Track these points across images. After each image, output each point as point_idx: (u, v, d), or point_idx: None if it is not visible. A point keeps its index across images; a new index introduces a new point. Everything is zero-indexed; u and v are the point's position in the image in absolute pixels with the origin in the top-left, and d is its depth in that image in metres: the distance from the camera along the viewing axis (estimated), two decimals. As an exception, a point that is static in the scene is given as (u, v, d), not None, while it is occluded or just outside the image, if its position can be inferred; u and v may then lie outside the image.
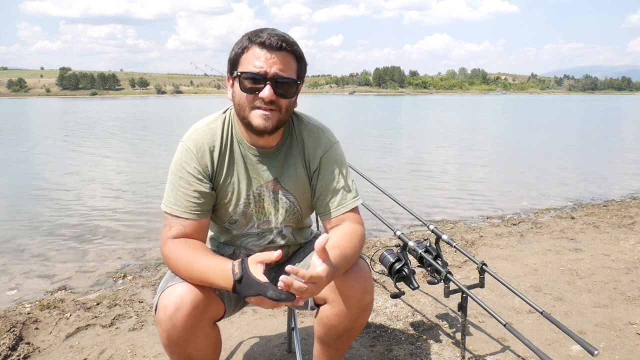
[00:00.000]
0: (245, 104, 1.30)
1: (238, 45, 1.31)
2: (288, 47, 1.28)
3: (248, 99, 1.29)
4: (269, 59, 1.26)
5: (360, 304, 1.37)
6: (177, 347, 1.28)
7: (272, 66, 1.26)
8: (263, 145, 1.41)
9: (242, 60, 1.30)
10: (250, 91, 1.28)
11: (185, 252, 1.28)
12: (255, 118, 1.29)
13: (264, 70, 1.26)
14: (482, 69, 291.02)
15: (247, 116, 1.31)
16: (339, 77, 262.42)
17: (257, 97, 1.28)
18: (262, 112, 1.29)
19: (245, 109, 1.30)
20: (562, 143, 13.15)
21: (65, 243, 4.19)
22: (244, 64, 1.29)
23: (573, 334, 1.53)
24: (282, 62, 1.27)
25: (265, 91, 1.26)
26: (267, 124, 1.29)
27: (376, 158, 9.92)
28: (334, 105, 55.37)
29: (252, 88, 1.28)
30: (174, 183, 1.37)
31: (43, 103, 77.43)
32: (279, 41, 1.26)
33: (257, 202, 1.45)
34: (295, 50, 1.30)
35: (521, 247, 3.63)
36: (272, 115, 1.29)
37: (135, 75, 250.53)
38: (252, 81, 1.27)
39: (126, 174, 8.10)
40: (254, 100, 1.29)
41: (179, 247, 1.30)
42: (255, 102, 1.29)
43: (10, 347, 2.11)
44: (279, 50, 1.27)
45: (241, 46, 1.30)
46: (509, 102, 72.51)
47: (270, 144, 1.41)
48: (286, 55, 1.28)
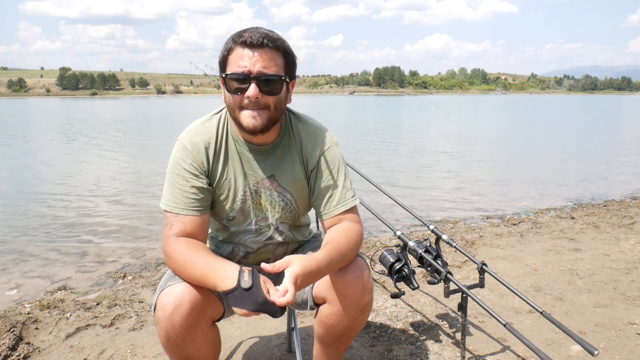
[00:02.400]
0: (234, 105, 1.31)
1: (224, 48, 1.32)
2: (270, 44, 1.27)
3: (236, 100, 1.30)
4: (252, 57, 1.26)
5: (359, 304, 1.37)
6: (176, 346, 1.29)
7: (255, 64, 1.26)
8: (259, 143, 1.41)
9: (229, 61, 1.30)
10: (236, 91, 1.29)
11: (185, 251, 1.28)
12: (245, 118, 1.30)
13: (248, 70, 1.26)
14: (482, 69, 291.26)
15: (237, 117, 1.32)
16: (339, 77, 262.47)
17: (244, 96, 1.28)
18: (250, 111, 1.29)
19: (235, 110, 1.32)
20: (562, 143, 13.15)
21: (65, 243, 4.19)
22: (230, 65, 1.30)
23: (573, 334, 1.53)
24: (265, 59, 1.27)
25: (251, 90, 1.27)
26: (257, 123, 1.30)
27: (376, 158, 9.91)
28: (333, 105, 55.36)
29: (238, 88, 1.28)
30: (171, 181, 1.37)
31: (43, 103, 77.43)
32: (261, 38, 1.26)
33: (254, 198, 1.45)
34: (279, 46, 1.30)
35: (521, 247, 3.63)
36: (261, 114, 1.30)
37: (135, 75, 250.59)
38: (238, 81, 1.28)
39: (127, 173, 8.10)
40: (241, 101, 1.29)
41: (180, 245, 1.30)
42: (243, 102, 1.29)
43: (10, 347, 2.11)
44: (261, 47, 1.27)
45: (226, 48, 1.31)
46: (509, 102, 72.50)
47: (266, 141, 1.42)
48: (269, 51, 1.28)
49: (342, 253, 1.30)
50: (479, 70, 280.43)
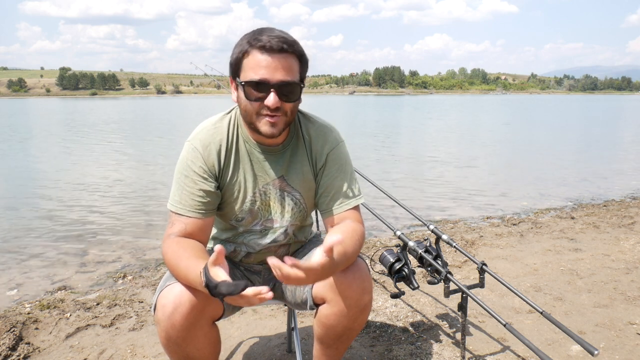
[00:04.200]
0: (252, 111, 1.29)
1: (238, 49, 1.29)
2: (289, 49, 1.25)
3: (254, 107, 1.28)
4: (271, 64, 1.24)
5: (358, 304, 1.37)
6: (176, 346, 1.29)
7: (274, 72, 1.24)
8: (270, 144, 1.41)
9: (244, 65, 1.27)
10: (255, 100, 1.27)
11: (175, 251, 1.28)
12: (262, 126, 1.29)
13: (267, 78, 1.24)
14: (482, 69, 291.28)
15: (254, 122, 1.31)
16: (339, 77, 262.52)
17: (263, 105, 1.27)
18: (268, 119, 1.28)
19: (252, 116, 1.30)
20: (562, 143, 13.16)
21: (65, 243, 4.19)
22: (245, 70, 1.27)
23: (573, 334, 1.53)
24: (284, 67, 1.25)
25: (270, 99, 1.25)
26: (274, 130, 1.30)
27: (376, 158, 9.93)
28: (333, 105, 55.37)
29: (257, 97, 1.26)
30: (179, 182, 1.37)
31: (43, 103, 77.43)
32: (280, 43, 1.23)
33: (263, 199, 1.45)
34: (295, 50, 1.27)
35: (521, 247, 3.63)
36: (278, 121, 1.29)
37: (135, 75, 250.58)
38: (256, 89, 1.26)
39: (127, 173, 8.10)
40: (260, 108, 1.28)
41: (173, 245, 1.30)
42: (261, 110, 1.28)
43: (10, 347, 2.11)
44: (280, 53, 1.24)
45: (241, 50, 1.27)
46: (510, 102, 72.50)
47: (277, 142, 1.42)
48: (288, 57, 1.26)
49: (347, 256, 1.30)
50: (479, 70, 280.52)
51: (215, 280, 1.08)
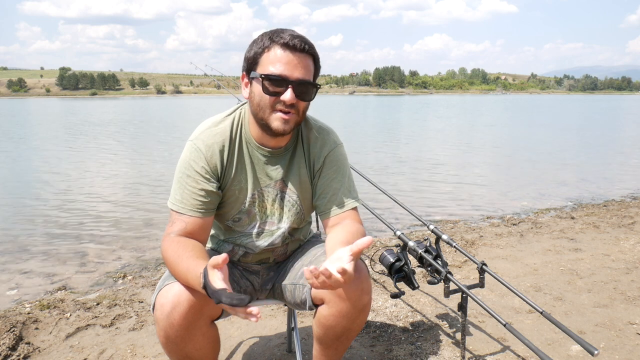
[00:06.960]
0: (266, 105, 1.30)
1: (258, 45, 1.30)
2: (310, 50, 1.29)
3: (269, 101, 1.29)
4: (292, 61, 1.26)
5: (358, 304, 1.37)
6: (175, 345, 1.29)
7: (294, 69, 1.26)
8: (273, 146, 1.42)
9: (263, 60, 1.29)
10: (272, 94, 1.28)
11: (175, 250, 1.28)
12: (275, 121, 1.30)
13: (287, 73, 1.26)
14: (482, 69, 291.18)
15: (266, 117, 1.31)
16: (339, 77, 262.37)
17: (279, 99, 1.28)
18: (281, 115, 1.29)
19: (265, 111, 1.31)
20: (562, 143, 13.15)
21: (65, 243, 4.19)
22: (264, 64, 1.28)
23: (573, 334, 1.53)
24: (303, 65, 1.28)
25: (287, 94, 1.27)
26: (286, 127, 1.31)
27: (376, 158, 9.93)
28: (333, 105, 55.34)
29: (274, 91, 1.27)
30: (181, 181, 1.37)
31: (43, 103, 77.42)
32: (302, 43, 1.27)
33: (260, 201, 1.46)
34: (315, 53, 1.32)
35: (521, 247, 3.63)
36: (291, 118, 1.30)
37: (135, 75, 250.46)
38: (275, 84, 1.27)
39: (127, 173, 8.10)
40: (275, 103, 1.29)
41: (173, 244, 1.30)
42: (276, 105, 1.29)
43: (10, 347, 2.11)
44: (301, 52, 1.27)
45: (262, 45, 1.29)
46: (509, 102, 72.48)
47: (280, 144, 1.42)
48: (307, 57, 1.30)
49: None
50: (478, 70, 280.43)
51: (215, 286, 1.07)
